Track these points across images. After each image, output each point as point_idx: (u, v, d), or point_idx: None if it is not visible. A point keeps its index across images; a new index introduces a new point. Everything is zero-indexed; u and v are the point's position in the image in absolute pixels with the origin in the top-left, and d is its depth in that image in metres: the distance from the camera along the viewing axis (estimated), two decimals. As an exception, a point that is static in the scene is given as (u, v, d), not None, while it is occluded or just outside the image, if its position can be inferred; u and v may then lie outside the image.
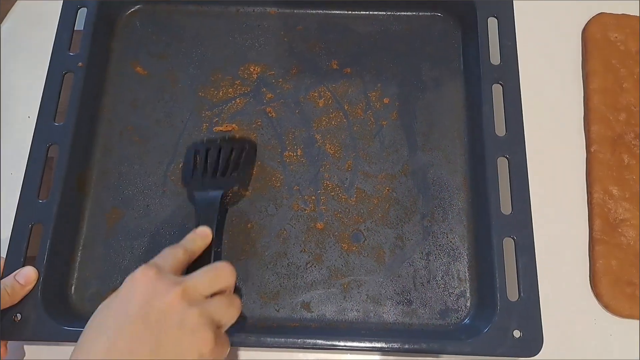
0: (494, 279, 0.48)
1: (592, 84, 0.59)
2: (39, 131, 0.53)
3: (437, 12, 0.61)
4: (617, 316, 0.52)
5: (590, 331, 0.52)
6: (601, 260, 0.53)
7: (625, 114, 0.58)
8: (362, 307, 0.51)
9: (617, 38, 0.60)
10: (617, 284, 0.52)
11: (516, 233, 0.49)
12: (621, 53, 0.60)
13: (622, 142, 0.57)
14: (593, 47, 0.60)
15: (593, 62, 0.59)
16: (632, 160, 0.56)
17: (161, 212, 0.54)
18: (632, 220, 0.54)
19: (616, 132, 0.57)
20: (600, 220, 0.54)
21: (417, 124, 0.57)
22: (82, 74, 0.55)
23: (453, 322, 0.50)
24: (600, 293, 0.52)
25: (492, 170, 0.51)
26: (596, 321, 0.53)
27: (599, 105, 0.58)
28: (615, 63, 0.59)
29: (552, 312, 0.47)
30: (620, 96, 0.58)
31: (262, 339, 0.47)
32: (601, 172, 0.56)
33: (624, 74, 0.59)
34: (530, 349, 0.46)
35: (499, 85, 0.54)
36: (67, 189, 0.52)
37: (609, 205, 0.55)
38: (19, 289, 0.47)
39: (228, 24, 0.61)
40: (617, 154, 0.56)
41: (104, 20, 0.59)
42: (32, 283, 0.48)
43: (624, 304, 0.52)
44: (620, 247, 0.53)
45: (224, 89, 0.58)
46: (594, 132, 0.57)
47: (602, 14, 0.61)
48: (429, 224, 0.53)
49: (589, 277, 0.54)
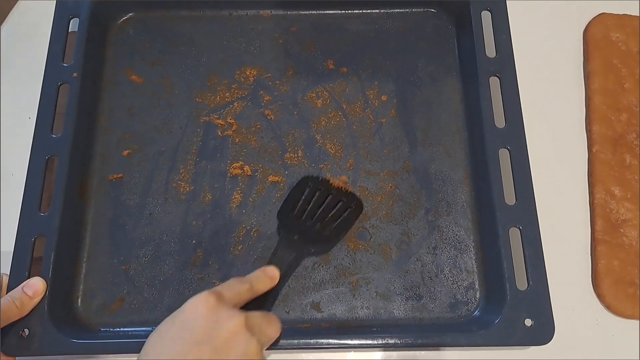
0: (502, 269, 0.48)
1: (594, 84, 0.59)
2: (37, 144, 0.52)
3: (430, 8, 0.61)
4: (619, 316, 0.53)
5: (592, 331, 0.52)
6: (603, 261, 0.53)
7: (627, 114, 0.58)
8: (372, 304, 0.51)
9: (618, 38, 0.61)
10: (619, 285, 0.52)
11: (521, 222, 0.50)
12: (622, 53, 0.60)
13: (623, 142, 0.57)
14: (594, 47, 0.60)
15: (594, 62, 0.60)
16: (634, 161, 0.56)
17: (164, 220, 0.53)
18: (633, 221, 0.54)
19: (617, 132, 0.57)
20: (602, 221, 0.54)
21: (416, 120, 0.57)
22: (77, 84, 0.54)
23: (463, 314, 0.50)
24: (602, 293, 0.52)
25: (494, 161, 0.52)
26: (598, 321, 0.53)
27: (600, 105, 0.58)
28: (616, 63, 0.60)
29: (554, 312, 0.47)
30: (622, 96, 0.58)
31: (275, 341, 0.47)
32: (603, 172, 0.56)
33: (625, 74, 0.59)
34: (543, 337, 0.46)
35: (496, 78, 0.55)
36: (68, 200, 0.51)
37: (610, 206, 0.55)
38: (27, 302, 0.46)
39: (222, 28, 0.61)
40: (619, 154, 0.56)
41: (97, 29, 0.58)
42: (40, 295, 0.47)
43: (626, 304, 0.52)
44: (622, 247, 0.54)
45: (220, 93, 0.58)
46: (595, 133, 0.57)
47: (603, 14, 0.62)
48: (434, 219, 0.53)
49: (591, 277, 0.54)
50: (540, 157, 0.54)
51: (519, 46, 0.56)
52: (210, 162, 0.55)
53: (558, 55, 0.62)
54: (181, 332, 0.38)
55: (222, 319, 0.39)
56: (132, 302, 0.51)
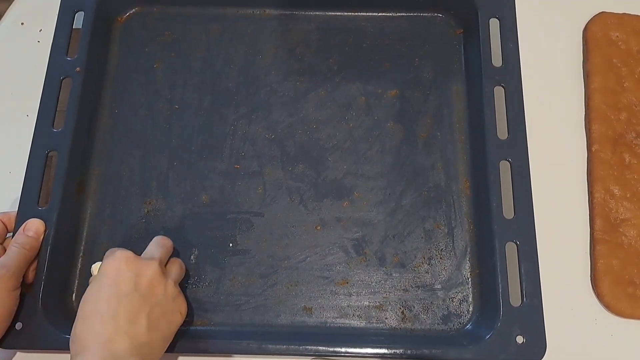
0: (497, 284, 0.48)
1: (593, 83, 0.58)
2: (38, 138, 0.52)
3: (437, 12, 0.60)
4: (618, 316, 0.52)
5: (591, 331, 0.52)
6: (602, 260, 0.53)
7: (626, 113, 0.57)
8: (364, 312, 0.51)
9: (618, 37, 0.60)
10: (619, 284, 0.52)
11: (519, 238, 0.49)
12: (622, 52, 0.59)
13: (623, 141, 0.56)
14: (594, 46, 0.59)
15: (594, 61, 0.59)
16: (633, 160, 0.56)
17: (162, 217, 0.54)
18: (633, 220, 0.54)
19: (617, 131, 0.57)
20: (602, 220, 0.54)
21: (417, 126, 0.56)
22: (80, 79, 0.54)
23: (455, 327, 0.50)
24: (602, 293, 0.52)
25: (494, 174, 0.51)
26: (597, 321, 0.52)
27: (600, 104, 0.57)
28: (616, 62, 0.59)
29: (552, 312, 0.47)
30: (622, 95, 0.58)
31: (264, 346, 0.47)
32: (602, 171, 0.55)
33: (625, 73, 0.59)
34: (534, 355, 0.46)
35: (500, 88, 0.54)
36: (67, 196, 0.51)
37: (610, 205, 0.54)
38: (34, 243, 0.48)
39: (226, 26, 0.60)
40: (618, 154, 0.56)
41: (102, 23, 0.58)
42: (42, 233, 0.49)
43: (625, 304, 0.52)
44: (622, 246, 0.53)
45: (224, 91, 0.58)
46: (595, 132, 0.57)
47: (603, 13, 0.61)
48: (431, 229, 0.53)
49: (590, 277, 0.54)
50: (539, 156, 0.54)
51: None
52: (210, 161, 0.55)
53: (558, 54, 0.61)
54: (110, 288, 0.43)
55: (141, 269, 0.45)
56: (126, 299, 0.51)
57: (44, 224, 0.49)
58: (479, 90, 0.54)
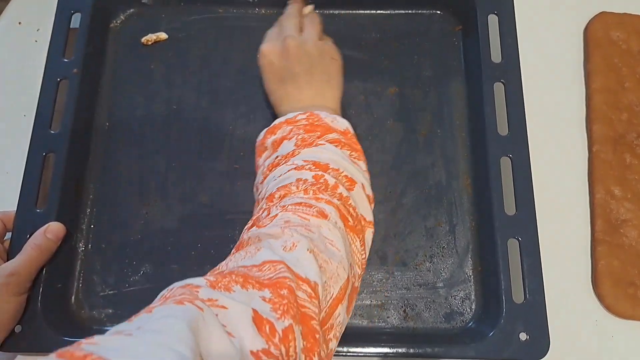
0: (499, 281, 0.48)
1: (594, 83, 0.58)
2: (35, 140, 0.52)
3: (436, 9, 0.60)
4: (619, 317, 0.52)
5: (592, 332, 0.52)
6: (603, 261, 0.52)
7: (627, 113, 0.57)
8: (366, 311, 0.50)
9: (619, 37, 0.59)
10: (619, 285, 0.52)
11: (521, 234, 0.49)
12: (623, 52, 0.59)
13: (624, 141, 0.56)
14: (595, 46, 0.59)
15: (595, 61, 0.59)
16: (634, 160, 0.55)
17: (161, 219, 0.53)
18: (634, 221, 0.54)
19: (618, 131, 0.56)
20: (602, 221, 0.54)
21: (417, 124, 0.56)
22: (77, 80, 0.54)
23: (458, 325, 0.50)
24: (602, 294, 0.52)
25: (495, 170, 0.51)
26: (598, 322, 0.52)
27: (601, 104, 0.57)
28: (617, 62, 0.58)
29: (553, 313, 0.46)
30: (622, 95, 0.57)
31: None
32: (603, 172, 0.55)
33: (625, 73, 0.58)
34: (537, 352, 0.46)
35: (500, 84, 0.53)
36: (65, 197, 0.51)
37: (611, 206, 0.54)
38: (52, 246, 0.48)
39: (224, 26, 0.60)
40: (619, 154, 0.55)
41: (98, 24, 0.58)
42: (60, 240, 0.49)
43: (626, 305, 0.51)
44: (622, 247, 0.53)
45: (222, 90, 0.58)
46: (595, 132, 0.56)
47: (604, 13, 0.61)
48: (432, 227, 0.53)
49: (591, 277, 0.53)
50: (539, 156, 0.53)
51: (518, 44, 0.55)
52: (209, 162, 0.55)
53: (558, 54, 0.61)
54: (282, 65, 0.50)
55: (298, 41, 0.50)
56: (126, 301, 0.51)
57: (65, 228, 0.49)
58: (479, 87, 0.54)
